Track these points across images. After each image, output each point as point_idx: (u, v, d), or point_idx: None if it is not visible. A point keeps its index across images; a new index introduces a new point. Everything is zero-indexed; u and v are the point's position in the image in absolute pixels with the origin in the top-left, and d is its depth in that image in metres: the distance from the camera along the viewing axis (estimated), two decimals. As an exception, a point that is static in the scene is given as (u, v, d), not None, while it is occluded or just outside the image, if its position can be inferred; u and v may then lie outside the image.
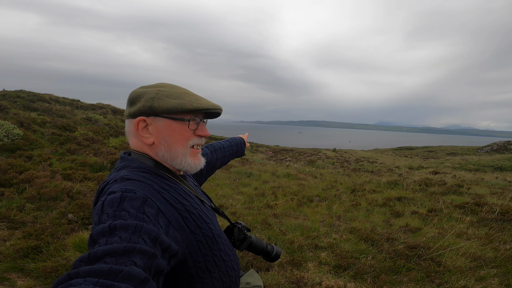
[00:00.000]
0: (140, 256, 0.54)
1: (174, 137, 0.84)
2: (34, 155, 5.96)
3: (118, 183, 0.74)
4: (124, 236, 0.57)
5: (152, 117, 0.83)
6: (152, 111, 0.81)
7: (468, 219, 4.32)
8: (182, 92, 0.85)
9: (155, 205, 0.70)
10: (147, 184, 0.76)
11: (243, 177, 7.77)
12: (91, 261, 0.51)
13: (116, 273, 0.48)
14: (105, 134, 9.57)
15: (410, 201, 5.56)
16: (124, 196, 0.67)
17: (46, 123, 8.68)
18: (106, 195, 0.70)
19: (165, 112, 0.81)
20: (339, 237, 3.70)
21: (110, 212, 0.63)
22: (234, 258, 0.95)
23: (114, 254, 0.52)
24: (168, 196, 0.77)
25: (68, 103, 14.21)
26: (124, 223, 0.59)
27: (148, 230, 0.61)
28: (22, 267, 2.69)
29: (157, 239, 0.61)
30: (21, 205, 3.93)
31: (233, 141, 1.48)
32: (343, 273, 2.79)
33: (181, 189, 0.84)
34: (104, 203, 0.66)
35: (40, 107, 11.22)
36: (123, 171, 0.80)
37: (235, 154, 1.48)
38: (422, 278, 2.62)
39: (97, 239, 0.57)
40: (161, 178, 0.82)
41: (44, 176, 4.76)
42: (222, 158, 1.38)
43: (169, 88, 0.86)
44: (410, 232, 3.85)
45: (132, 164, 0.83)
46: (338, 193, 6.49)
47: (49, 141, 7.29)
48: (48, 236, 3.19)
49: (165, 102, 0.81)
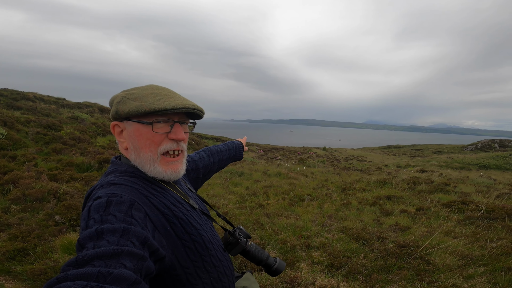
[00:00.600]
0: (129, 258, 0.54)
1: (141, 142, 0.80)
2: (18, 155, 5.76)
3: (104, 188, 0.73)
4: (112, 240, 0.56)
5: (125, 121, 0.81)
6: (118, 115, 0.79)
7: (455, 217, 4.42)
8: (150, 93, 0.80)
9: (142, 209, 0.69)
10: (134, 188, 0.74)
11: (234, 176, 7.74)
12: (79, 265, 0.50)
13: (106, 275, 0.47)
14: (92, 133, 9.34)
15: (399, 199, 5.66)
16: (110, 201, 0.66)
17: (30, 122, 8.40)
18: (92, 200, 0.69)
19: (127, 115, 0.78)
20: (331, 236, 3.73)
21: (97, 217, 0.62)
22: (227, 264, 0.93)
23: (102, 257, 0.51)
24: (156, 201, 0.76)
25: (54, 102, 13.78)
26: (111, 227, 0.59)
27: (137, 233, 0.60)
28: (9, 269, 2.63)
29: (146, 242, 0.61)
30: (6, 207, 3.81)
31: (230, 144, 1.46)
32: (336, 273, 2.81)
33: (170, 194, 0.83)
34: (90, 209, 0.65)
35: (24, 106, 10.86)
36: (111, 176, 0.79)
37: (232, 158, 1.45)
38: (413, 277, 2.67)
39: (85, 244, 0.56)
40: (149, 183, 0.81)
41: (29, 176, 4.61)
42: (219, 162, 1.36)
43: (144, 90, 0.81)
44: (399, 230, 3.92)
45: (120, 169, 0.82)
46: (329, 192, 6.54)
47: (33, 141, 7.06)
48: (35, 238, 3.11)
49: (126, 105, 0.78)
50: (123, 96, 0.80)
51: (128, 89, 0.84)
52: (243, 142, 1.54)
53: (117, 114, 0.80)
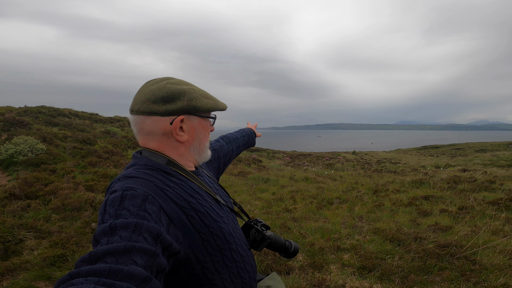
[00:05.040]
0: (140, 255, 0.54)
1: (203, 134, 0.89)
2: (57, 168, 6.20)
3: (120, 181, 0.74)
4: (124, 235, 0.57)
5: (187, 115, 0.84)
6: (196, 110, 0.83)
7: (503, 215, 4.00)
8: (205, 92, 0.90)
9: (156, 202, 0.69)
10: (149, 181, 0.74)
11: (260, 183, 7.69)
12: (92, 261, 0.51)
13: (116, 272, 0.48)
14: (124, 146, 9.84)
15: (438, 199, 5.25)
16: (124, 195, 0.67)
17: (67, 138, 9.06)
18: (108, 194, 0.71)
19: (203, 111, 0.85)
20: (363, 238, 3.52)
21: (112, 211, 0.64)
22: (248, 259, 0.90)
23: (114, 253, 0.52)
24: (172, 193, 0.75)
25: (87, 117, 14.69)
26: (124, 222, 0.59)
27: (149, 228, 0.60)
28: (49, 275, 2.75)
29: (159, 237, 0.60)
30: (47, 216, 4.07)
31: (243, 131, 1.51)
32: (369, 275, 2.63)
33: (189, 186, 0.81)
34: (106, 203, 0.67)
35: (61, 122, 11.72)
36: (129, 169, 0.80)
37: (247, 144, 1.50)
38: (457, 277, 2.42)
39: (99, 239, 0.57)
40: (167, 174, 0.80)
41: (68, 187, 4.93)
42: (237, 149, 1.40)
43: (192, 86, 0.88)
44: (440, 231, 3.61)
45: (140, 162, 0.82)
46: (359, 194, 6.25)
47: (71, 155, 7.58)
48: (73, 245, 3.29)
49: (203, 102, 0.84)
50: (194, 91, 0.84)
51: (162, 79, 0.85)
52: (253, 129, 1.60)
53: (194, 109, 0.82)
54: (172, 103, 0.80)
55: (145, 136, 0.84)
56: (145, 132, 0.83)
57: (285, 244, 1.08)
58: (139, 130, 0.84)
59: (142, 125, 0.82)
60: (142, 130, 0.83)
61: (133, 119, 0.83)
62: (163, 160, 0.82)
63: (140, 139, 0.85)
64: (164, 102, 0.80)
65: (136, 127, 0.84)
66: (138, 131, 0.84)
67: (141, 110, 0.80)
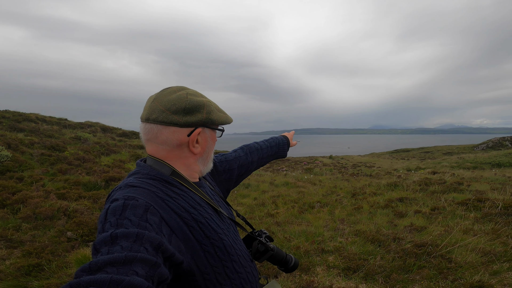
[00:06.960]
0: (141, 265, 0.53)
1: (212, 146, 0.91)
2: (25, 176, 5.81)
3: (121, 190, 0.72)
4: (125, 245, 0.56)
5: (202, 128, 0.84)
6: (211, 123, 0.84)
7: (472, 215, 4.28)
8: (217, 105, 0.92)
9: (157, 213, 0.68)
10: (151, 191, 0.73)
11: (241, 188, 7.66)
12: (92, 271, 0.51)
13: (118, 283, 0.47)
14: (96, 153, 9.38)
15: (412, 201, 5.52)
16: (126, 204, 0.66)
17: (34, 144, 8.51)
18: (109, 202, 0.69)
19: (217, 124, 0.86)
20: (345, 240, 3.61)
21: (113, 220, 0.62)
22: (251, 270, 0.89)
23: (115, 263, 0.51)
24: (173, 204, 0.74)
25: (56, 122, 13.84)
26: (125, 232, 0.58)
27: (150, 238, 0.59)
28: (25, 285, 2.65)
29: (160, 247, 0.60)
30: (17, 225, 3.84)
31: (273, 141, 1.36)
32: (353, 275, 2.70)
33: (191, 197, 0.81)
34: (107, 212, 0.65)
35: (27, 127, 10.99)
36: (131, 177, 0.79)
37: (274, 156, 1.35)
38: (435, 275, 2.55)
39: (99, 248, 0.57)
40: (169, 185, 0.79)
41: (38, 196, 4.63)
42: (259, 160, 1.28)
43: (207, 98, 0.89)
44: (415, 231, 3.79)
45: (143, 171, 0.81)
46: (339, 198, 6.42)
47: (38, 162, 7.13)
48: (49, 254, 3.16)
49: (218, 115, 0.86)
50: (210, 104, 0.86)
51: (193, 92, 0.86)
52: (289, 137, 1.41)
53: (212, 122, 0.84)
54: (192, 115, 0.80)
55: (158, 145, 0.82)
56: (159, 142, 0.81)
57: (286, 257, 1.06)
58: (152, 139, 0.81)
59: (158, 134, 0.80)
60: (157, 139, 0.80)
61: (147, 128, 0.81)
62: (168, 170, 0.81)
63: (151, 148, 0.83)
64: (185, 113, 0.79)
65: (149, 136, 0.81)
66: (150, 139, 0.82)
67: (160, 120, 0.78)
